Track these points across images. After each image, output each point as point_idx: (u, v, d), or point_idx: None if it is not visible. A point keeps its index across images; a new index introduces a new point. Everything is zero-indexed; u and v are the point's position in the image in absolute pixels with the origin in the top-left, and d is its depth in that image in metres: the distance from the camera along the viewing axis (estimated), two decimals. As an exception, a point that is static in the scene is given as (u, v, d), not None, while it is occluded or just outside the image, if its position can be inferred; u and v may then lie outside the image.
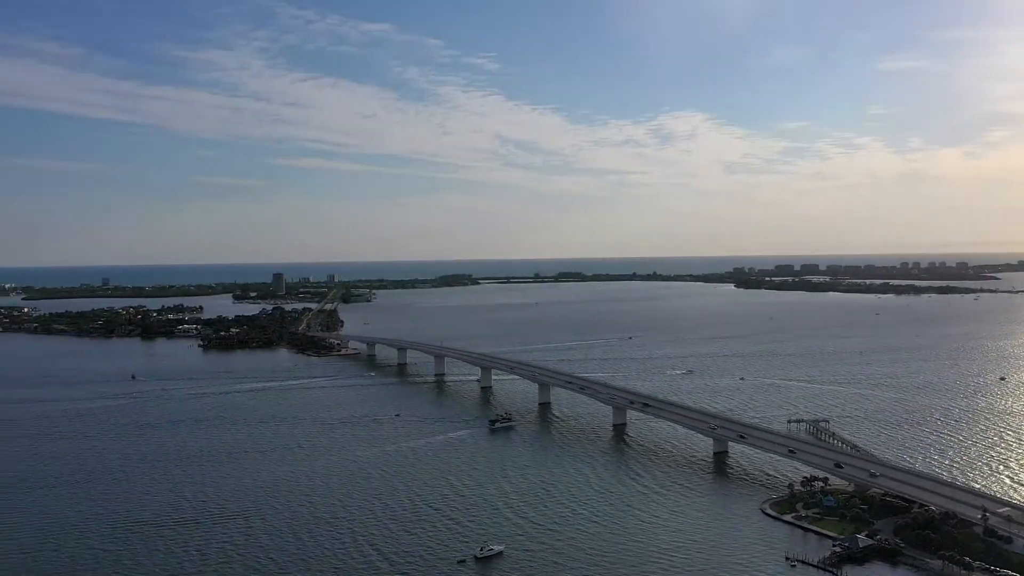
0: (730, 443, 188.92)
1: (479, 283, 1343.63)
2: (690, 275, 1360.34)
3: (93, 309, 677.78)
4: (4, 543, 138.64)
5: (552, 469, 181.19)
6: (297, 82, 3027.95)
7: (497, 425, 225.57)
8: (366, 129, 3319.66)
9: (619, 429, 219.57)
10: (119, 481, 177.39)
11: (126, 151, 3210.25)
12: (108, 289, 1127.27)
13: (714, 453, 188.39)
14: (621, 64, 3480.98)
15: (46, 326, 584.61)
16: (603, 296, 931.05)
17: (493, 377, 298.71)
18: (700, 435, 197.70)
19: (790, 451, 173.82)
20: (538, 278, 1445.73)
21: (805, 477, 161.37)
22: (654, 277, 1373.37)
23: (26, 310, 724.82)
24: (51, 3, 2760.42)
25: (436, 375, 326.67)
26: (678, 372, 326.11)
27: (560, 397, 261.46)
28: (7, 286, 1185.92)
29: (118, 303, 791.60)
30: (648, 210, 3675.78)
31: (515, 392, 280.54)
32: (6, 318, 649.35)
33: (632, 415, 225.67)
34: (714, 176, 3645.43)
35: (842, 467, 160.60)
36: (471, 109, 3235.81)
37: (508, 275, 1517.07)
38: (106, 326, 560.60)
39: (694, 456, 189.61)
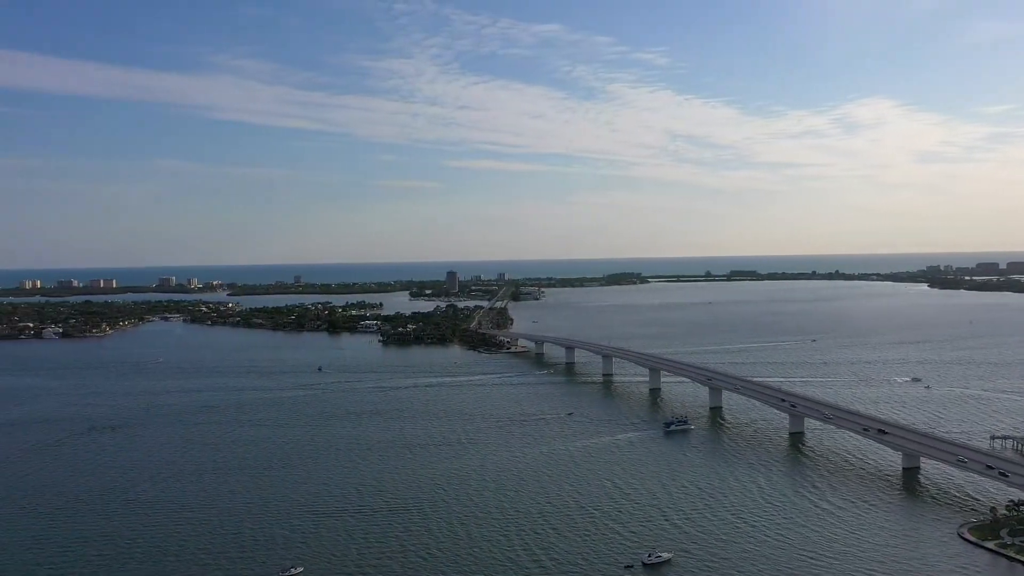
0: (922, 458, 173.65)
1: (648, 281, 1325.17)
2: (876, 274, 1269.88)
3: (287, 305, 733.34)
4: (192, 524, 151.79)
5: (721, 476, 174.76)
6: (469, 86, 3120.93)
7: (672, 428, 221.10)
8: (535, 129, 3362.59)
9: (796, 438, 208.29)
10: (304, 468, 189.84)
11: (316, 157, 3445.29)
12: (299, 286, 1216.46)
13: (903, 468, 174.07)
14: (800, 51, 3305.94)
15: (247, 320, 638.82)
16: (779, 296, 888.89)
17: (662, 379, 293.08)
18: (887, 448, 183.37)
19: None
20: (709, 276, 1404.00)
21: (1011, 500, 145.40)
22: (836, 276, 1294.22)
23: (230, 305, 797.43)
24: (247, 23, 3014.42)
25: (604, 375, 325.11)
26: (904, 379, 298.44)
27: (732, 402, 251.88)
28: (215, 283, 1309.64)
29: (308, 299, 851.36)
30: (829, 204, 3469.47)
31: (684, 395, 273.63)
32: (214, 312, 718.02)
33: (810, 423, 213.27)
34: (905, 167, 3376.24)
35: None
36: (640, 105, 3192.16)
37: (678, 273, 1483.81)
38: (298, 321, 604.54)
39: (879, 470, 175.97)
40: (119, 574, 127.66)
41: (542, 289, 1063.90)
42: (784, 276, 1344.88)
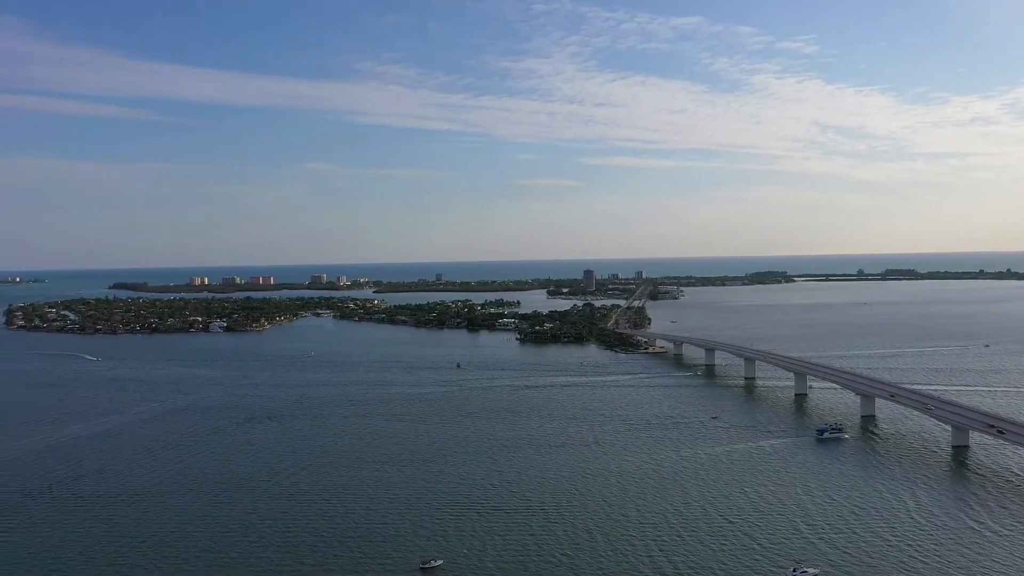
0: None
1: (794, 280, 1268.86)
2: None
3: (428, 302, 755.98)
4: (336, 514, 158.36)
5: (873, 489, 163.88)
6: (607, 83, 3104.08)
7: (826, 435, 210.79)
8: (675, 124, 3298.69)
9: (959, 452, 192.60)
10: (440, 463, 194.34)
11: (456, 158, 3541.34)
12: (440, 284, 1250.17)
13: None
14: (966, 32, 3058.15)
15: (391, 317, 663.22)
16: (942, 297, 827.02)
17: (808, 384, 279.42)
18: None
19: None
20: (862, 276, 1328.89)
21: None
22: (1008, 275, 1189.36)
23: (376, 302, 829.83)
24: (390, 31, 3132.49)
25: (746, 378, 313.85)
26: None
27: (886, 411, 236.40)
28: (362, 280, 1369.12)
29: (448, 297, 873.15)
30: (1000, 197, 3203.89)
31: (833, 402, 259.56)
32: (361, 309, 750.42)
33: (976, 437, 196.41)
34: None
35: None
36: (786, 96, 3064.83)
37: (827, 272, 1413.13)
38: (438, 318, 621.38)
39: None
40: (264, 558, 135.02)
41: (681, 288, 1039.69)
42: (947, 275, 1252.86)
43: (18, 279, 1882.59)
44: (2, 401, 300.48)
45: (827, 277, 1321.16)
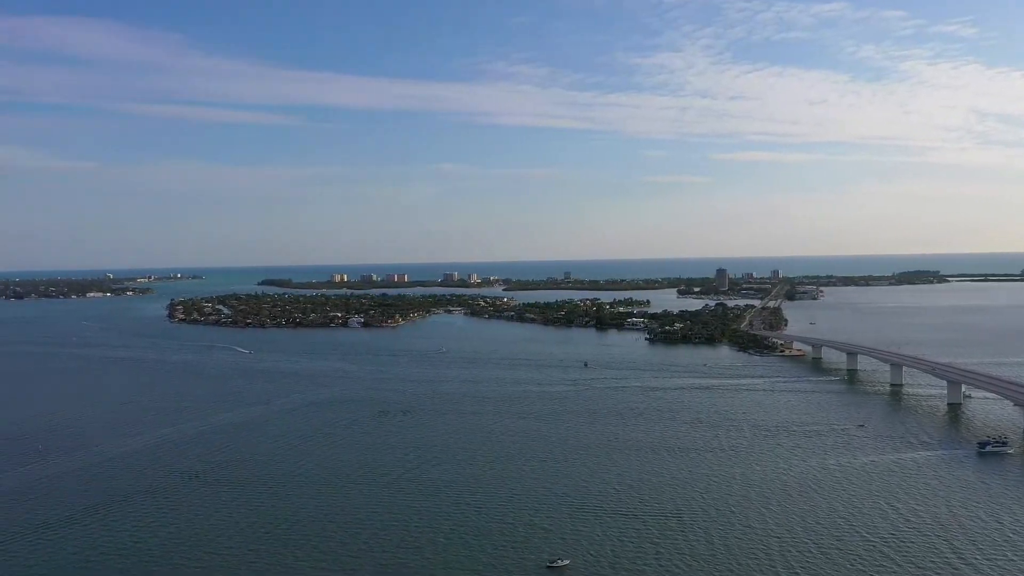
0: None
1: (947, 280, 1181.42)
2: None
3: (557, 300, 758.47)
4: (465, 507, 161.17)
5: (1020, 513, 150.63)
6: (742, 75, 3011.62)
7: (988, 449, 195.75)
8: (814, 116, 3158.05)
9: None
10: (566, 463, 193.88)
11: (585, 156, 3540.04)
12: (569, 282, 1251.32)
13: None
14: None
15: (520, 314, 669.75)
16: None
17: (963, 393, 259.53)
18: None
19: None
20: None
21: None
22: None
23: (505, 300, 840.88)
24: (519, 31, 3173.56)
25: (892, 385, 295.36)
26: None
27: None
28: (492, 278, 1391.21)
29: (577, 295, 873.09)
30: None
31: (990, 413, 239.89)
32: (490, 306, 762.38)
33: None
34: None
35: None
36: (940, 83, 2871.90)
37: (985, 272, 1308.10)
38: (567, 316, 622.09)
39: None
40: (388, 551, 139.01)
41: (820, 288, 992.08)
42: None
43: (179, 275, 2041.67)
44: (165, 390, 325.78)
45: (985, 277, 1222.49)
